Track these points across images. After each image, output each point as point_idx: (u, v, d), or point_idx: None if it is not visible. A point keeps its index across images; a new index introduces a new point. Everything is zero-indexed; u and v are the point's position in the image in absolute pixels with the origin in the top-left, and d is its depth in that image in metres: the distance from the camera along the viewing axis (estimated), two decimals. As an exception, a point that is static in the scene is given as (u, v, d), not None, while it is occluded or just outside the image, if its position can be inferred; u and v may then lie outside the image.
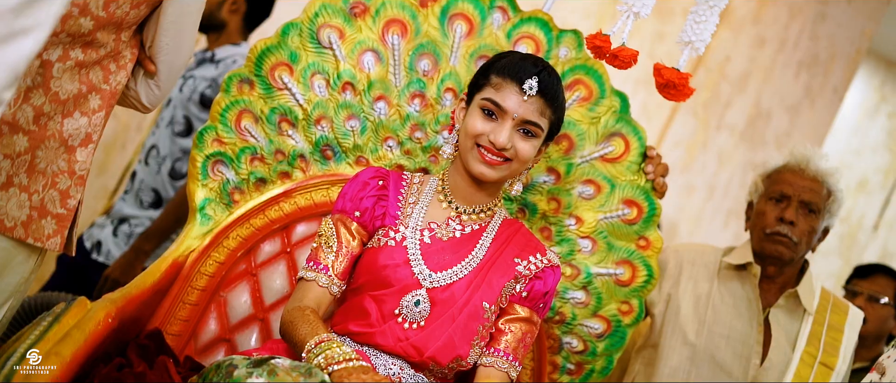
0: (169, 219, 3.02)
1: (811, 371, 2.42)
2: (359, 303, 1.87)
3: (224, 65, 3.14)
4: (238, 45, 3.25)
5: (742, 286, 2.56)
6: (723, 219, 4.27)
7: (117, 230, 3.19)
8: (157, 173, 3.16)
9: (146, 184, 3.17)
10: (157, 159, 3.17)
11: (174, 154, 3.15)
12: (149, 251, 3.02)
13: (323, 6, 2.14)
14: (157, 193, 3.15)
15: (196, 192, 2.13)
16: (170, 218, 3.02)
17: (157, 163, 3.16)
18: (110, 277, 2.96)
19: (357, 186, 1.95)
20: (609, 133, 2.23)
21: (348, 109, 2.16)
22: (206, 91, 3.10)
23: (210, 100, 3.08)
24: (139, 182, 3.20)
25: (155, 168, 3.17)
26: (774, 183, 2.54)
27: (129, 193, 3.23)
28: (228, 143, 2.13)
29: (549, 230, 2.23)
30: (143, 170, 3.22)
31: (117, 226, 3.20)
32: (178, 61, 1.89)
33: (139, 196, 3.18)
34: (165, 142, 3.17)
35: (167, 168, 3.15)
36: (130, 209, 3.20)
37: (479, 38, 2.20)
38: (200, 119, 3.12)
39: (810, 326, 2.49)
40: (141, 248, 3.02)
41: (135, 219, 3.16)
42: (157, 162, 3.16)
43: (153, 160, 3.18)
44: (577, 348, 2.26)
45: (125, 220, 3.19)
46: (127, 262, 3.00)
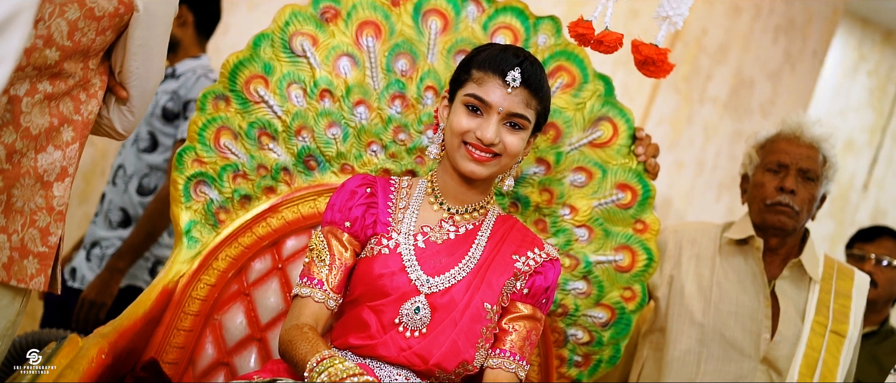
0: (140, 235, 3.00)
1: (823, 340, 2.39)
2: (357, 316, 1.83)
3: (185, 77, 3.11)
4: (198, 57, 3.23)
5: (745, 261, 2.52)
6: (715, 193, 4.25)
7: (90, 254, 3.16)
8: (124, 192, 3.14)
9: (114, 205, 3.15)
10: (124, 178, 3.15)
11: (141, 170, 3.13)
12: (123, 269, 3.00)
13: (293, 14, 2.10)
14: (125, 212, 3.13)
15: (180, 216, 2.09)
16: (141, 234, 3.00)
17: (124, 182, 3.15)
18: (86, 299, 2.93)
19: (345, 196, 1.90)
20: (596, 118, 2.19)
21: (328, 117, 2.11)
22: (168, 104, 3.08)
23: (172, 113, 3.06)
24: (108, 202, 3.18)
25: (122, 187, 3.15)
26: (770, 153, 2.51)
27: (99, 215, 3.21)
28: (209, 163, 2.08)
29: (544, 222, 2.19)
30: (111, 190, 3.20)
31: (90, 250, 3.17)
32: (150, 85, 1.84)
33: (108, 217, 3.16)
34: (131, 159, 3.14)
35: (134, 185, 3.13)
36: (101, 231, 3.17)
37: (455, 32, 2.16)
38: (165, 133, 3.09)
39: (818, 295, 2.45)
40: (115, 267, 2.99)
41: (105, 241, 3.13)
42: (125, 180, 3.15)
43: (120, 179, 3.16)
44: (582, 339, 2.22)
45: (96, 243, 3.16)
46: (102, 283, 2.97)
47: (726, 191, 4.22)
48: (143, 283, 3.12)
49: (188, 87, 3.09)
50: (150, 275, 3.14)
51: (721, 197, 4.25)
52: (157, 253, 3.16)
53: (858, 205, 5.19)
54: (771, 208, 2.46)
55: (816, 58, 4.30)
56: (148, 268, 3.15)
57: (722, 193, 4.24)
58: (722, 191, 4.24)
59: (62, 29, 1.63)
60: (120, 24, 1.74)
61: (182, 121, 3.08)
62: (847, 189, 5.09)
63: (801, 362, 2.36)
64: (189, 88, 3.09)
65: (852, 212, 5.17)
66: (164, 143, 3.11)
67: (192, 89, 3.09)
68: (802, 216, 2.47)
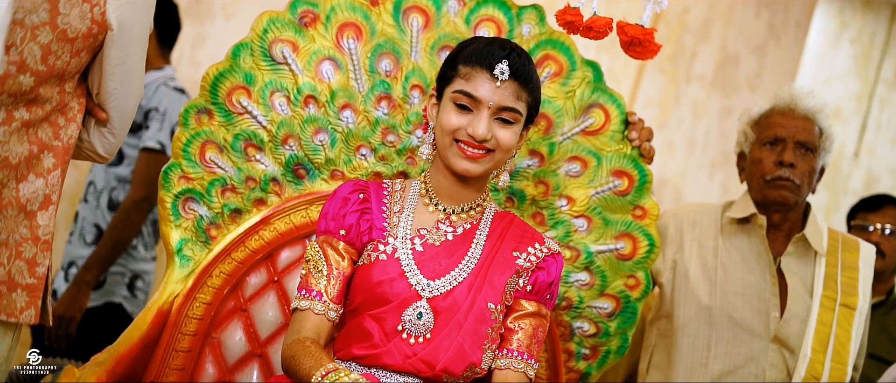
0: (106, 246, 2.98)
1: (833, 314, 2.36)
2: (359, 325, 1.79)
3: (149, 89, 3.09)
4: (161, 69, 3.22)
5: (748, 239, 2.49)
6: (707, 172, 4.22)
7: (68, 274, 3.15)
8: (96, 208, 3.13)
9: (88, 221, 3.13)
10: (94, 194, 3.14)
11: (110, 184, 3.12)
12: (91, 282, 2.98)
13: (271, 21, 2.06)
14: (98, 228, 3.11)
15: (170, 235, 2.04)
16: (107, 245, 2.98)
17: (95, 198, 3.13)
18: (55, 314, 2.91)
19: (337, 204, 1.86)
20: (586, 105, 2.16)
21: (314, 124, 2.07)
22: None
23: (135, 124, 3.05)
24: (81, 220, 3.17)
25: (94, 203, 3.13)
26: (765, 128, 2.47)
27: (75, 234, 3.20)
28: (196, 179, 2.04)
29: (542, 215, 2.15)
30: (83, 208, 3.19)
31: (68, 270, 3.16)
32: (130, 104, 1.80)
33: (83, 235, 3.14)
34: (100, 175, 3.13)
35: (105, 200, 3.12)
36: (77, 250, 3.16)
37: (437, 28, 2.13)
38: (129, 144, 3.08)
39: (824, 268, 2.42)
40: (82, 280, 2.97)
41: (82, 260, 3.11)
42: (95, 196, 3.13)
43: (92, 196, 3.14)
44: (588, 331, 2.19)
45: (73, 263, 3.15)
46: (71, 297, 2.96)
47: (719, 169, 4.20)
48: (121, 299, 3.11)
49: (149, 97, 3.08)
50: (128, 290, 3.12)
51: (714, 175, 4.22)
52: (134, 267, 3.14)
53: (850, 173, 5.18)
54: (771, 184, 2.42)
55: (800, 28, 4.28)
56: (125, 284, 3.13)
57: (715, 171, 4.22)
58: (715, 169, 4.22)
59: (35, 53, 1.58)
60: (94, 44, 1.69)
61: (144, 130, 3.07)
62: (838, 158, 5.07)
63: (812, 338, 2.33)
64: (150, 98, 3.08)
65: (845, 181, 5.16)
66: (130, 155, 3.10)
67: (152, 98, 3.08)
68: (803, 189, 2.44)
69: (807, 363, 2.30)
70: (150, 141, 3.03)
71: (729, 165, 4.16)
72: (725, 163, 4.20)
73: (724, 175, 4.21)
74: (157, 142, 3.03)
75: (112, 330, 3.07)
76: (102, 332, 2.99)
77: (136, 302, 3.13)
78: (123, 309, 3.11)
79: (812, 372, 2.30)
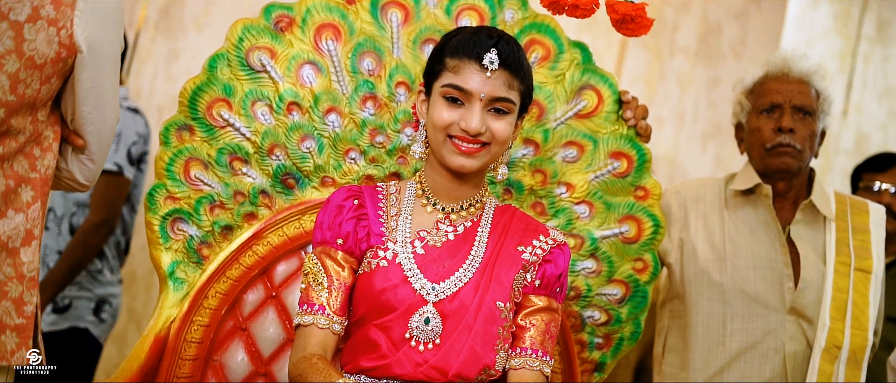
0: (62, 267, 2.94)
1: (848, 280, 2.30)
2: (365, 336, 1.72)
3: None
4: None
5: (755, 210, 2.44)
6: (699, 144, 4.18)
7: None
8: (57, 235, 3.07)
9: (50, 249, 3.07)
10: (55, 221, 3.09)
11: (69, 210, 3.08)
12: (45, 302, 2.93)
13: (246, 29, 1.99)
14: (61, 254, 3.03)
15: (161, 258, 1.98)
16: (63, 266, 2.94)
17: (56, 225, 3.08)
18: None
19: (332, 212, 1.79)
20: (578, 87, 2.10)
21: (300, 131, 2.01)
22: None
23: None
24: (43, 248, 3.10)
25: (55, 230, 3.08)
26: (760, 95, 2.42)
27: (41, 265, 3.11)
28: (182, 198, 1.98)
29: (542, 204, 2.10)
30: (44, 235, 3.11)
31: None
32: (106, 128, 1.73)
33: (46, 262, 3.07)
34: (59, 201, 3.09)
35: (66, 227, 3.07)
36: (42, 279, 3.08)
37: (417, 22, 2.07)
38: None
39: (835, 233, 2.36)
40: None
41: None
42: (56, 223, 3.09)
43: (52, 223, 3.09)
44: (600, 320, 2.13)
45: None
46: None
47: (711, 141, 4.15)
48: (86, 324, 3.06)
49: None
50: (94, 315, 3.07)
51: (707, 147, 4.18)
52: (100, 291, 3.10)
53: (840, 132, 5.14)
54: (772, 151, 2.37)
55: (782, -10, 4.23)
56: (91, 308, 3.08)
57: (707, 143, 4.17)
58: (706, 140, 4.17)
59: (3, 84, 1.51)
60: (64, 68, 1.63)
61: None
62: (826, 118, 5.03)
63: (829, 306, 2.27)
64: None
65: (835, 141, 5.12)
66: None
67: None
68: (805, 154, 2.38)
69: (826, 332, 2.25)
70: (108, 163, 2.98)
71: (720, 136, 4.11)
72: (717, 134, 4.15)
73: (716, 146, 4.16)
74: (114, 163, 2.98)
75: (77, 355, 3.02)
76: (66, 358, 2.96)
77: (103, 327, 3.09)
78: (89, 334, 3.05)
79: (832, 341, 2.24)
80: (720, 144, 4.14)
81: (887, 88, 5.09)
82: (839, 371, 2.22)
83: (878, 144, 4.92)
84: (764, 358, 2.31)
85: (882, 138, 5.08)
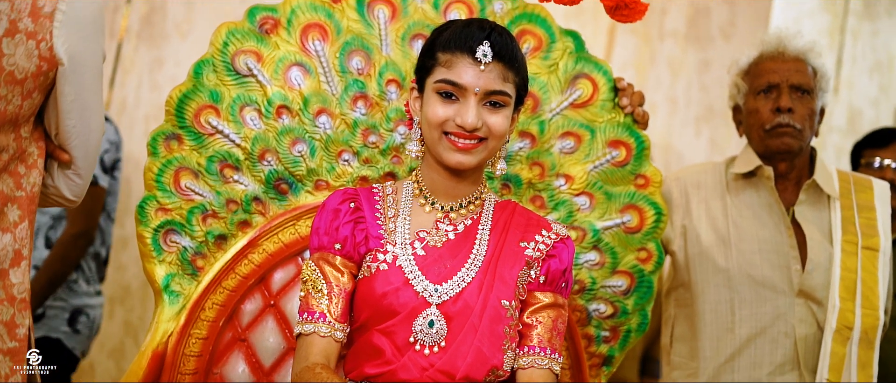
0: (40, 280, 2.90)
1: (856, 259, 2.27)
2: (368, 342, 1.68)
3: None
4: None
5: (757, 193, 2.40)
6: (693, 129, 4.14)
7: None
8: (34, 249, 3.02)
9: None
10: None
11: (46, 224, 3.05)
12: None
13: (230, 33, 1.95)
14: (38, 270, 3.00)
15: (155, 271, 1.94)
16: (42, 280, 2.90)
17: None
18: None
19: (328, 216, 1.74)
20: (572, 77, 2.07)
21: (290, 134, 1.97)
22: None
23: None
24: None
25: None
26: (757, 76, 2.38)
27: None
28: (174, 209, 1.93)
29: (541, 198, 2.06)
30: None
31: None
32: (92, 141, 1.68)
33: None
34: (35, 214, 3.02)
35: (42, 241, 3.04)
36: None
37: (405, 18, 2.03)
38: None
39: (840, 212, 2.33)
40: None
41: None
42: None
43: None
44: (606, 313, 2.09)
45: None
46: None
47: (705, 124, 4.12)
48: (60, 334, 3.01)
49: None
50: (68, 325, 3.03)
51: (701, 131, 4.14)
52: (76, 302, 3.05)
53: (832, 109, 5.11)
54: (772, 132, 2.33)
55: (769, -32, 4.19)
56: (65, 319, 3.04)
57: (701, 127, 4.14)
58: (700, 124, 4.14)
59: (-17, 100, 1.46)
60: (46, 82, 1.58)
61: None
62: (818, 96, 5.00)
63: (838, 287, 2.24)
64: None
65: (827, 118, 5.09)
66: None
67: None
68: (806, 133, 2.35)
69: (837, 313, 2.22)
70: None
71: (714, 119, 4.08)
72: (710, 118, 4.12)
73: (710, 129, 4.13)
74: None
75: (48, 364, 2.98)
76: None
77: (77, 338, 3.04)
78: (62, 345, 3.01)
79: (843, 322, 2.21)
80: (714, 128, 4.11)
81: (877, 63, 5.07)
82: (852, 352, 2.18)
83: (871, 120, 4.90)
84: (774, 342, 2.28)
85: (874, 113, 5.06)
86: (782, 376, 2.27)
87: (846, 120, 5.08)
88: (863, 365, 2.18)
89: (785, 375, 2.27)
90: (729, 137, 4.05)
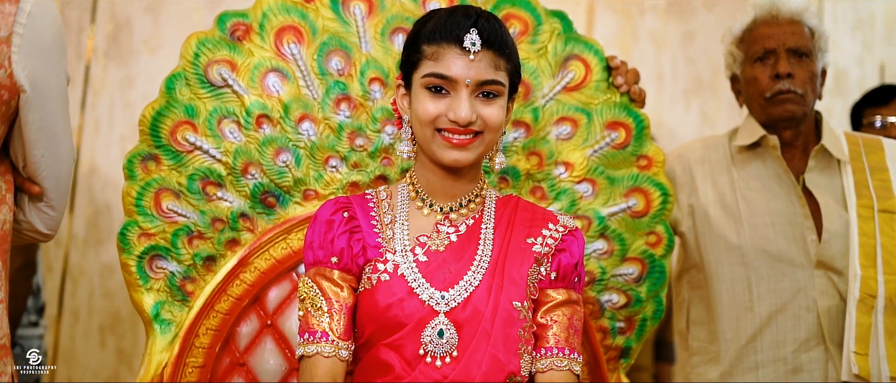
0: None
1: (873, 223, 2.18)
2: (376, 358, 1.58)
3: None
4: None
5: (764, 164, 2.31)
6: (682, 103, 4.07)
7: None
8: None
9: None
10: None
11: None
12: None
13: (200, 43, 1.86)
14: None
15: (143, 301, 1.84)
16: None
17: None
18: None
19: (321, 229, 1.65)
20: (562, 59, 1.99)
21: (273, 144, 1.88)
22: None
23: None
24: None
25: None
26: (752, 43, 2.29)
27: None
28: (157, 233, 1.84)
29: (541, 188, 1.97)
30: None
31: None
32: (63, 170, 1.59)
33: None
34: None
35: None
36: None
37: (383, 12, 1.95)
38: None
39: (852, 176, 2.24)
40: None
41: None
42: None
43: None
44: (619, 303, 2.01)
45: None
46: None
47: (694, 97, 4.05)
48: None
49: None
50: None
51: (690, 104, 4.08)
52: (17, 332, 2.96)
53: (818, 75, 5.09)
54: (773, 100, 2.25)
55: (743, -65, 4.12)
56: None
57: (690, 100, 4.07)
58: (689, 97, 4.07)
59: (-59, 136, 1.36)
60: (9, 111, 1.49)
61: None
62: (802, 59, 4.95)
63: (858, 254, 2.15)
64: None
65: (814, 83, 5.06)
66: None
67: None
68: (808, 98, 2.26)
69: (859, 282, 2.13)
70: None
71: (703, 92, 4.01)
72: (699, 91, 4.05)
73: (699, 102, 4.06)
74: None
75: None
76: None
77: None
78: None
79: (866, 290, 2.13)
80: (704, 100, 4.04)
81: (858, 21, 5.02)
82: (878, 321, 2.10)
83: (856, 78, 4.85)
84: (796, 318, 2.20)
85: (859, 72, 5.01)
86: (807, 352, 2.19)
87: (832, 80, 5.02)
88: (890, 333, 2.09)
89: (810, 351, 2.19)
90: (719, 109, 3.98)
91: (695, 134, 3.99)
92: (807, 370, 2.18)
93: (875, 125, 2.86)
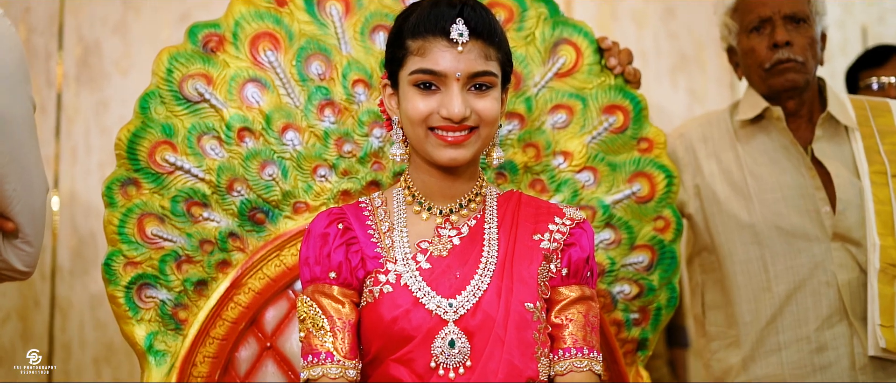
0: None
1: (888, 190, 2.11)
2: (385, 374, 1.50)
3: None
4: None
5: (769, 137, 2.24)
6: (669, 80, 4.01)
7: None
8: None
9: None
10: None
11: None
12: None
13: (172, 58, 1.79)
14: None
15: (134, 333, 1.77)
16: None
17: None
18: None
19: (316, 243, 1.56)
20: (552, 45, 1.92)
21: (257, 158, 1.80)
22: None
23: None
24: None
25: None
26: (746, 12, 2.22)
27: None
28: (143, 261, 1.77)
29: (541, 181, 1.90)
30: None
31: None
32: (37, 203, 1.51)
33: None
34: None
35: None
36: None
37: (361, 10, 1.88)
38: None
39: (862, 141, 2.17)
40: None
41: None
42: None
43: None
44: (631, 293, 1.94)
45: None
46: None
47: (680, 73, 3.99)
48: None
49: None
50: None
51: (677, 81, 4.01)
52: None
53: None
54: (773, 70, 2.17)
55: None
56: None
57: (676, 77, 4.01)
58: (675, 74, 4.00)
59: None
60: (-27, 146, 1.39)
61: None
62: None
63: (875, 223, 2.08)
64: None
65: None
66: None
67: None
68: (809, 65, 2.19)
69: (878, 251, 2.06)
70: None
71: (688, 67, 3.95)
72: (684, 66, 3.99)
73: (686, 78, 4.00)
74: None
75: None
76: None
77: None
78: None
79: (887, 260, 2.06)
80: (690, 75, 3.98)
81: (836, -17, 4.97)
82: (902, 290, 2.03)
83: (838, 42, 4.80)
84: (817, 294, 2.12)
85: (841, 35, 4.97)
86: (831, 328, 2.12)
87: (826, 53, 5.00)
88: (915, 302, 2.03)
89: (834, 327, 2.12)
90: (707, 84, 3.92)
91: (684, 110, 3.92)
92: (832, 347, 2.11)
93: (872, 87, 2.79)
